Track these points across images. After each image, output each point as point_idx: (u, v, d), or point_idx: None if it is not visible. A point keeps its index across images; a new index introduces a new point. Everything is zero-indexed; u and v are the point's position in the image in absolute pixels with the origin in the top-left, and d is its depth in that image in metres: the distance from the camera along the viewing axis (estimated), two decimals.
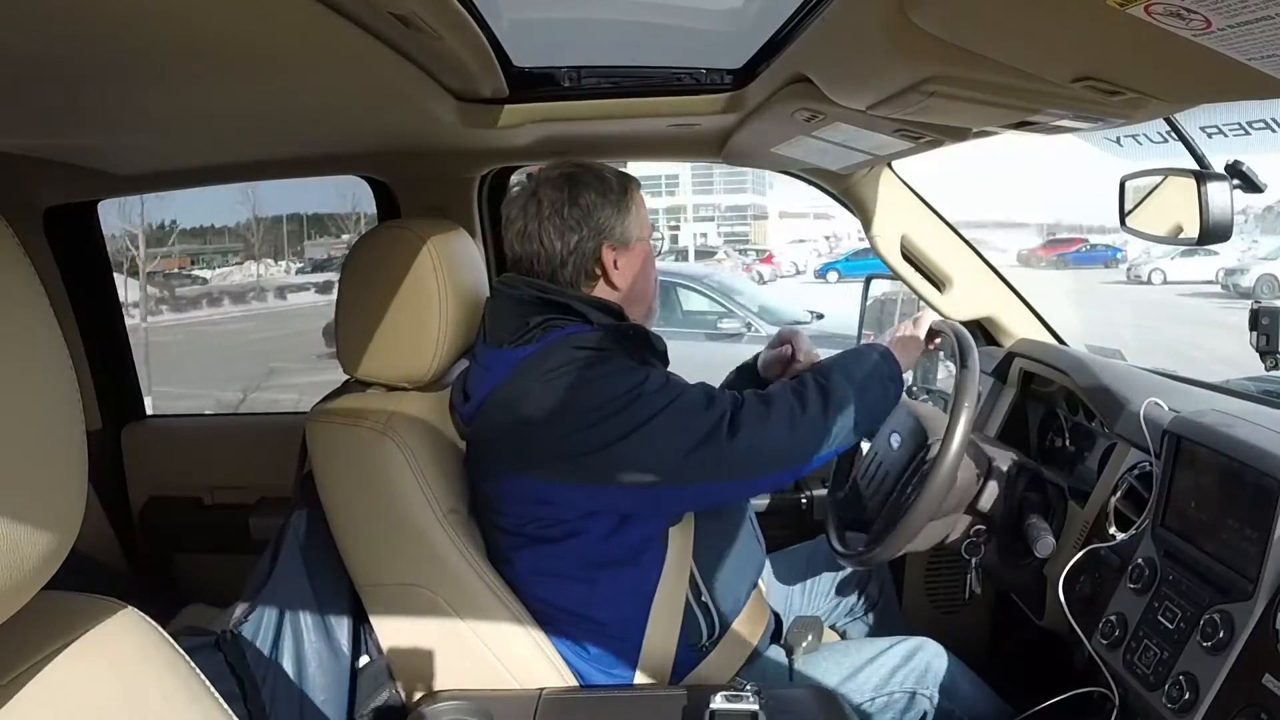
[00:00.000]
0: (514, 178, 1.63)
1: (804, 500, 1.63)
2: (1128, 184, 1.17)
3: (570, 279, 1.12)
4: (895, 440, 1.19)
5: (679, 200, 25.11)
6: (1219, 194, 1.02)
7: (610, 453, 1.01)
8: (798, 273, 17.61)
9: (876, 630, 1.38)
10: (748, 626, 1.18)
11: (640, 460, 1.02)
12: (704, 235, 24.81)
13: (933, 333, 1.24)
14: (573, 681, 1.10)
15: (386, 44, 0.82)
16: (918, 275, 1.53)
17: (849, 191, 1.52)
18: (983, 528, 1.14)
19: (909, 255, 1.53)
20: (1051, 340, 1.50)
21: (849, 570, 1.39)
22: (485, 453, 1.09)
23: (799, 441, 1.06)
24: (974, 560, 1.16)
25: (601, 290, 1.13)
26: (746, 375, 1.34)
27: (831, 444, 1.08)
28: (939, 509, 1.08)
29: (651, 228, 1.19)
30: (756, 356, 1.35)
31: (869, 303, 1.77)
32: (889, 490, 1.17)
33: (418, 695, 1.11)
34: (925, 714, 1.13)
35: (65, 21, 0.60)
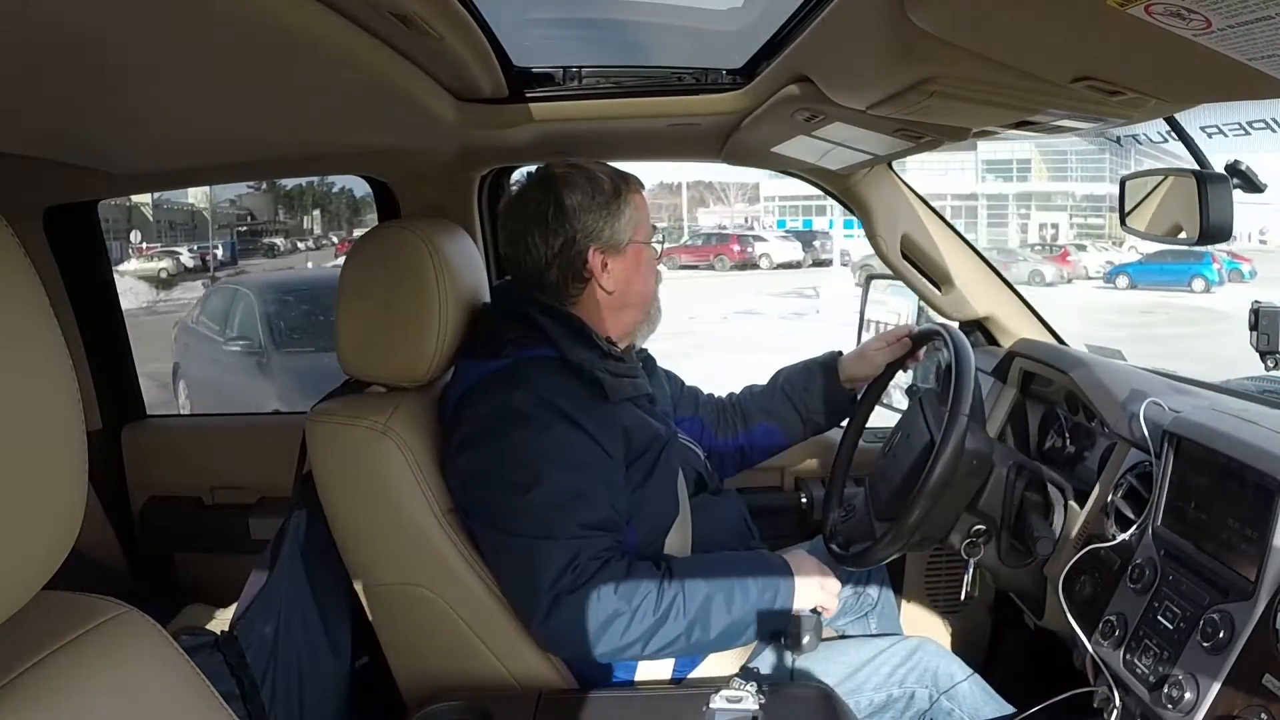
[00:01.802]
0: (514, 177, 1.63)
1: (803, 500, 1.63)
2: (1128, 184, 1.17)
3: (556, 282, 1.12)
4: (904, 441, 1.19)
5: (1030, 187, 23.07)
6: (1219, 194, 1.02)
7: (476, 510, 1.06)
8: (1093, 276, 14.94)
9: (876, 630, 1.38)
10: None
11: (485, 541, 1.06)
12: (1054, 226, 22.50)
13: (927, 335, 1.24)
14: (573, 681, 1.10)
15: (386, 44, 0.82)
16: (918, 275, 1.54)
17: (849, 191, 1.51)
18: (983, 528, 1.14)
19: (909, 255, 1.53)
20: (1051, 340, 1.50)
21: (849, 570, 1.39)
22: (443, 458, 1.11)
23: (592, 653, 1.02)
24: (972, 560, 1.16)
25: (590, 294, 1.13)
26: (822, 374, 1.34)
27: (638, 658, 1.06)
28: (935, 509, 1.08)
29: (652, 229, 1.17)
30: (836, 354, 1.36)
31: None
32: (890, 492, 1.17)
33: (418, 695, 1.11)
34: (924, 713, 1.13)
35: (65, 22, 0.60)
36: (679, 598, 1.01)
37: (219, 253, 17.45)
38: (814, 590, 1.09)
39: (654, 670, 1.10)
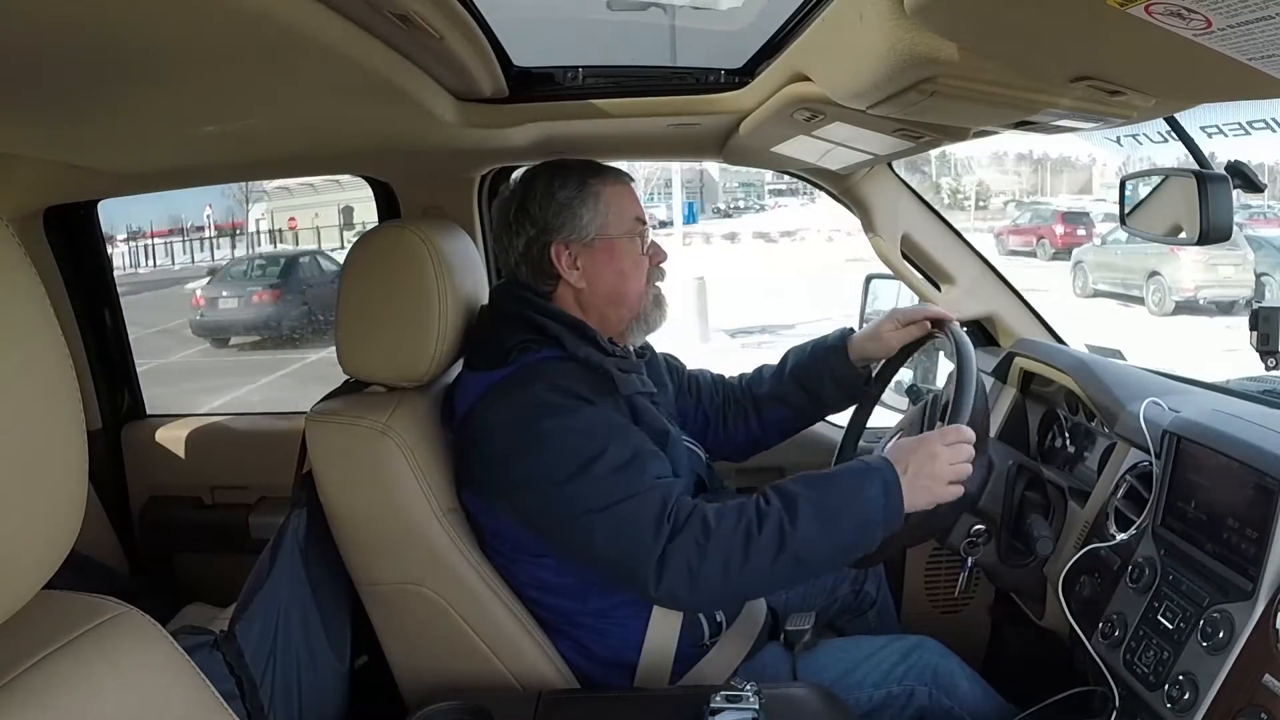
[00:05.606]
0: (514, 177, 1.63)
1: None
2: (1128, 184, 1.18)
3: (528, 280, 1.12)
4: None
5: None
6: (1219, 194, 1.02)
7: (546, 513, 1.01)
8: None
9: (875, 629, 1.38)
10: (747, 625, 1.18)
11: (569, 538, 1.00)
12: None
13: (941, 322, 1.22)
14: (573, 681, 1.10)
15: (386, 44, 0.82)
16: (918, 275, 1.54)
17: (849, 191, 1.51)
18: (983, 528, 1.14)
19: (909, 255, 1.53)
20: (1051, 340, 1.50)
21: (847, 568, 1.39)
22: (459, 469, 1.11)
23: (714, 598, 1.02)
24: (971, 560, 1.16)
25: (564, 291, 1.12)
26: (829, 355, 1.28)
27: (760, 594, 1.04)
28: (930, 519, 1.07)
29: (638, 222, 1.14)
30: (848, 331, 1.29)
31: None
32: None
33: (418, 695, 1.11)
34: (923, 710, 1.13)
35: (65, 22, 0.60)
36: (784, 521, 0.94)
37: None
38: (926, 475, 0.97)
39: (654, 671, 1.10)
